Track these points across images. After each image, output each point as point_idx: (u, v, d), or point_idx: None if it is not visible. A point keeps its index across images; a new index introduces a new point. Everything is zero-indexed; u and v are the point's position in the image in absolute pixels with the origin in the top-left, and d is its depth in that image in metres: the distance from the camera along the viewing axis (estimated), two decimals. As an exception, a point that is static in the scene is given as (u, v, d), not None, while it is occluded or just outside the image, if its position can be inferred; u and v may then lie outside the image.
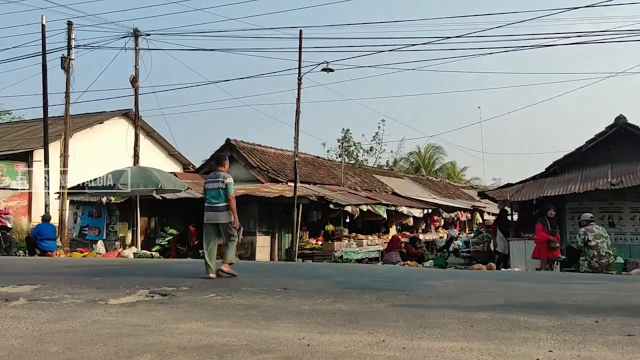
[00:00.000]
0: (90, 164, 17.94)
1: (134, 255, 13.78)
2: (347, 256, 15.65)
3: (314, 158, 24.29)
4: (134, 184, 13.64)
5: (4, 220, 13.73)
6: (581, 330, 3.96)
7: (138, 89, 18.41)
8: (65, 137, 17.43)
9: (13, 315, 4.62)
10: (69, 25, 17.31)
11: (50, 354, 3.35)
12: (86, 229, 16.64)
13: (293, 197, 15.45)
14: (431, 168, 40.32)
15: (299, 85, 16.55)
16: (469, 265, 13.62)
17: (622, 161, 14.26)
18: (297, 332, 3.87)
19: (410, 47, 15.70)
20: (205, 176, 19.63)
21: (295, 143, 16.64)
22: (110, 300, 5.38)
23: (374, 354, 3.29)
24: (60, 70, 17.21)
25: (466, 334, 3.84)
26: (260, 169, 18.82)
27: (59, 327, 4.12)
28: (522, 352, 3.31)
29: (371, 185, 23.30)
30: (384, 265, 13.78)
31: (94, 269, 9.03)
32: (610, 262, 10.59)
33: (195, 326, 4.12)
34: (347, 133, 35.43)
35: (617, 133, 14.62)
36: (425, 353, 3.30)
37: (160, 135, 25.45)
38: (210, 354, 3.30)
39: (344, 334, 3.84)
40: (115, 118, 23.65)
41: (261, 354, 3.30)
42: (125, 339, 3.70)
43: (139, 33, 18.26)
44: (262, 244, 16.20)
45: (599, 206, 13.74)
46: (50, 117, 17.44)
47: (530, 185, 15.30)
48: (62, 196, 16.69)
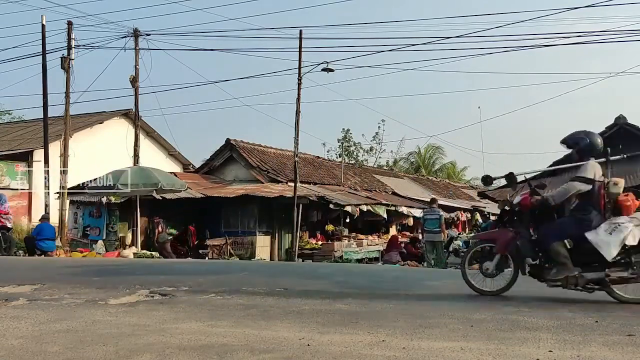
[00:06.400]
0: (90, 164, 17.96)
1: (134, 255, 13.78)
2: (347, 256, 15.65)
3: (314, 158, 24.29)
4: (134, 184, 13.64)
5: (4, 220, 13.71)
6: (581, 330, 3.95)
7: (138, 89, 18.40)
8: (65, 137, 17.42)
9: (13, 315, 4.62)
10: (69, 25, 17.30)
11: (50, 354, 3.35)
12: (88, 229, 16.66)
13: (293, 197, 15.45)
14: (431, 168, 40.28)
15: (299, 85, 16.56)
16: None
17: (622, 161, 14.25)
18: (297, 332, 3.87)
19: (410, 47, 15.68)
20: (206, 176, 19.68)
21: (295, 143, 16.65)
22: (110, 300, 5.38)
23: (374, 354, 3.29)
24: (60, 70, 17.20)
25: (466, 334, 3.84)
26: (260, 169, 18.82)
27: (59, 327, 4.12)
28: (522, 352, 3.31)
29: (371, 185, 23.30)
30: (384, 265, 13.77)
31: (94, 269, 9.03)
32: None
33: (195, 326, 4.12)
34: (347, 133, 35.42)
35: (617, 133, 14.62)
36: (425, 353, 3.30)
37: (160, 135, 25.44)
38: (210, 354, 3.30)
39: (344, 334, 3.84)
40: (115, 118, 23.63)
41: (261, 354, 3.30)
42: (125, 339, 3.70)
43: (139, 33, 18.25)
44: (262, 244, 16.21)
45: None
46: (50, 117, 17.42)
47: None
48: (62, 196, 16.68)
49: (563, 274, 5.05)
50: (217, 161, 19.94)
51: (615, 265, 4.99)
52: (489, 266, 5.53)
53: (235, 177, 19.24)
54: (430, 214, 13.58)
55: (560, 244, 5.06)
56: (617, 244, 4.86)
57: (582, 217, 5.10)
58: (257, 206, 16.13)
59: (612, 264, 4.98)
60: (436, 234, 13.24)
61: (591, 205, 5.11)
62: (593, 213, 5.08)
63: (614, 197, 5.09)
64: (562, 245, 5.07)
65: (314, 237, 17.33)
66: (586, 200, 5.13)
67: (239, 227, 16.49)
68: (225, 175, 19.65)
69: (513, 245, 5.41)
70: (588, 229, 5.02)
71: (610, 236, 4.90)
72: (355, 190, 20.89)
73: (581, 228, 5.06)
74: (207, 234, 16.35)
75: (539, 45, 16.44)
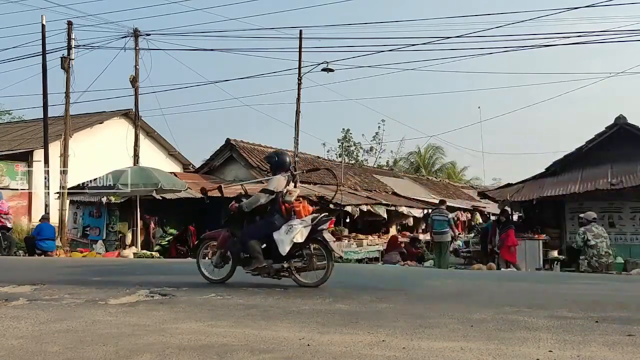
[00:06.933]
0: (90, 164, 17.96)
1: (134, 255, 13.78)
2: (347, 256, 15.63)
3: (314, 158, 24.29)
4: (134, 184, 13.64)
5: (4, 220, 13.72)
6: (581, 330, 3.95)
7: (138, 89, 18.41)
8: (65, 137, 17.42)
9: (13, 315, 4.62)
10: (69, 25, 17.30)
11: (50, 354, 3.35)
12: (88, 229, 16.65)
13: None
14: (431, 168, 40.26)
15: (299, 85, 16.58)
16: (469, 265, 13.61)
17: (622, 161, 14.27)
18: (297, 332, 3.87)
19: (410, 47, 15.69)
20: (206, 176, 19.63)
21: (295, 143, 16.66)
22: (110, 300, 5.38)
23: (374, 354, 3.29)
24: (60, 70, 17.20)
25: (466, 334, 3.84)
26: (260, 169, 18.81)
27: (59, 327, 4.12)
28: (522, 352, 3.31)
29: (371, 185, 23.29)
30: (384, 265, 13.78)
31: (94, 269, 9.03)
32: (610, 261, 10.61)
33: (195, 326, 4.12)
34: (347, 133, 35.41)
35: (617, 133, 14.63)
36: (425, 353, 3.30)
37: (160, 135, 25.45)
38: (210, 354, 3.30)
39: (344, 334, 3.84)
40: (115, 118, 23.64)
41: (261, 354, 3.30)
42: (125, 339, 3.70)
43: (139, 33, 18.25)
44: (262, 244, 16.16)
45: (599, 206, 13.74)
46: (50, 117, 17.42)
47: (530, 185, 15.32)
48: (62, 196, 16.68)
49: (257, 265, 6.20)
50: (217, 161, 19.94)
51: (294, 258, 6.23)
52: (213, 259, 6.73)
53: (235, 177, 19.22)
54: (438, 215, 13.69)
55: (255, 242, 6.21)
56: (289, 241, 6.05)
57: (270, 220, 6.29)
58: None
59: (294, 257, 6.22)
60: (444, 235, 13.37)
61: (276, 211, 6.32)
62: (276, 217, 6.28)
63: (289, 203, 6.32)
64: (256, 242, 6.21)
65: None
66: (273, 206, 6.34)
67: (239, 227, 16.45)
68: (225, 175, 19.64)
69: (229, 243, 6.52)
70: (275, 229, 6.19)
71: (286, 235, 6.09)
72: (355, 190, 20.88)
73: (270, 229, 6.23)
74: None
75: (539, 45, 16.48)
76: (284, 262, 6.19)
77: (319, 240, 6.24)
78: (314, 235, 6.18)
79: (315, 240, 6.23)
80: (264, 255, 6.22)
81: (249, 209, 6.33)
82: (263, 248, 6.25)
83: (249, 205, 6.32)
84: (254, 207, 6.33)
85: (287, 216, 6.28)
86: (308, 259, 6.24)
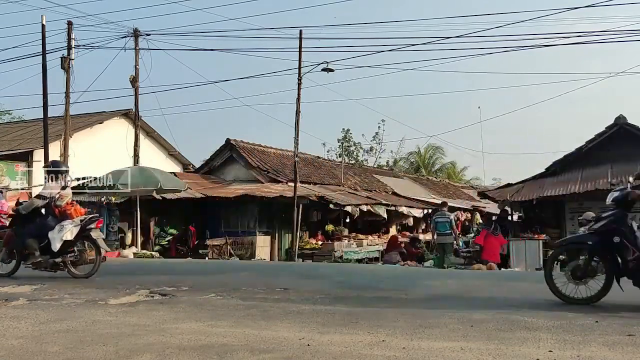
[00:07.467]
0: (90, 164, 17.93)
1: (134, 255, 13.78)
2: (347, 256, 15.63)
3: (314, 158, 24.28)
4: (134, 184, 13.63)
5: (4, 220, 13.71)
6: (581, 330, 3.96)
7: (138, 89, 18.39)
8: (65, 137, 17.41)
9: (13, 315, 4.63)
10: (69, 25, 17.27)
11: (50, 354, 3.35)
12: (87, 229, 16.61)
13: (293, 197, 15.44)
14: (431, 168, 40.23)
15: (299, 85, 16.55)
16: (469, 265, 13.61)
17: (622, 161, 14.24)
18: (297, 332, 3.87)
19: (410, 47, 15.66)
20: (206, 176, 19.67)
21: (295, 143, 16.64)
22: (110, 300, 5.38)
23: (374, 354, 3.29)
24: (60, 70, 17.18)
25: (466, 334, 3.84)
26: (260, 169, 18.82)
27: (59, 327, 4.13)
28: (522, 352, 3.31)
29: (371, 185, 23.29)
30: (384, 265, 13.78)
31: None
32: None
33: (195, 326, 4.13)
34: (347, 133, 35.34)
35: (617, 133, 14.63)
36: (425, 353, 3.30)
37: (160, 135, 25.39)
38: (210, 354, 3.30)
39: (344, 334, 3.84)
40: (115, 118, 23.58)
41: (261, 354, 3.30)
42: (125, 339, 3.70)
43: (139, 33, 18.24)
44: (262, 244, 16.18)
45: (599, 206, 13.67)
46: (50, 117, 17.39)
47: (530, 185, 15.32)
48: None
49: (33, 260, 7.12)
50: (217, 161, 19.94)
51: (68, 253, 7.13)
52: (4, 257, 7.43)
53: (235, 177, 19.23)
54: (440, 217, 13.90)
55: (32, 240, 7.09)
56: (59, 239, 6.98)
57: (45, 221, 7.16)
58: (257, 206, 16.11)
59: (67, 252, 7.11)
60: (447, 236, 13.63)
61: (50, 214, 7.22)
62: (50, 218, 7.19)
63: (61, 207, 7.25)
64: (33, 240, 7.09)
65: (314, 237, 17.31)
66: (47, 210, 7.24)
67: (239, 227, 16.46)
68: (225, 175, 19.65)
69: (13, 241, 7.36)
70: (50, 229, 7.07)
71: (58, 234, 7.00)
72: (355, 190, 20.88)
73: (46, 229, 7.11)
74: (207, 234, 16.35)
75: (539, 45, 16.43)
76: (58, 257, 7.08)
77: (88, 237, 7.15)
78: (84, 233, 7.10)
79: (85, 237, 7.14)
80: (43, 251, 7.07)
81: (26, 212, 7.22)
82: (42, 245, 7.09)
83: (26, 208, 7.25)
84: (31, 210, 7.21)
85: (61, 217, 7.18)
86: (79, 254, 7.17)
